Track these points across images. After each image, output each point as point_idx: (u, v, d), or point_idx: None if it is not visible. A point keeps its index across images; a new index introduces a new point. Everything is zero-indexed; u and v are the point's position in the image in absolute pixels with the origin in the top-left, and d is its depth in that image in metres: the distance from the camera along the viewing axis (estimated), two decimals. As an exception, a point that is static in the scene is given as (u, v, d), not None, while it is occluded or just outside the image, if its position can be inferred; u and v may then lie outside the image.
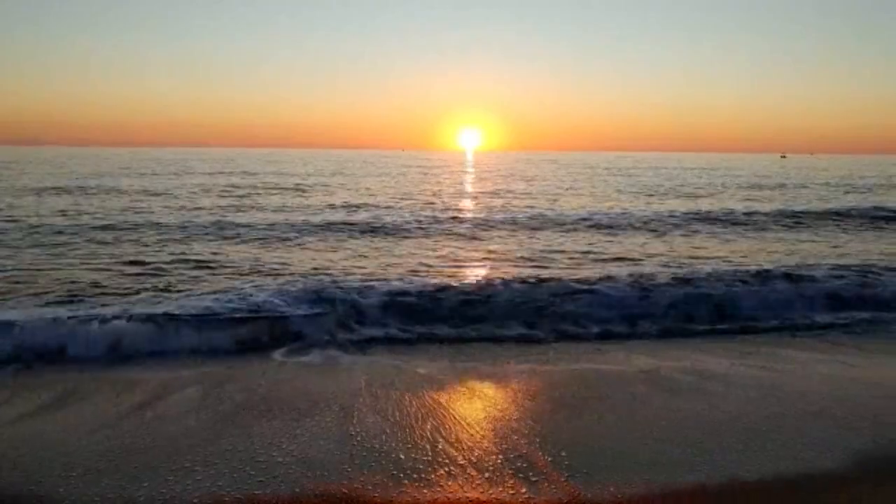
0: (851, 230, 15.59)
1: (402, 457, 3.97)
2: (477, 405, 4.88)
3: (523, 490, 3.58)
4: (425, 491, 3.58)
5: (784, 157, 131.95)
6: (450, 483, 3.66)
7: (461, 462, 3.90)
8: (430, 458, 3.95)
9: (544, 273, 9.19)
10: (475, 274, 9.57)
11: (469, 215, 17.24)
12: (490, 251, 12.04)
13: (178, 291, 8.10)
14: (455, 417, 4.60)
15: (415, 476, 3.73)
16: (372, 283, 8.00)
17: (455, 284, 7.86)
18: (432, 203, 20.76)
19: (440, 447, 4.10)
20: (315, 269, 9.89)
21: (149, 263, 9.98)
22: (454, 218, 16.50)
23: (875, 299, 7.98)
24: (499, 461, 3.91)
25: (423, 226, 15.13)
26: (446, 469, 3.82)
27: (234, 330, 6.32)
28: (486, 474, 3.75)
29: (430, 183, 32.92)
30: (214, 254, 11.18)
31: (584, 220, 16.30)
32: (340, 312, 6.72)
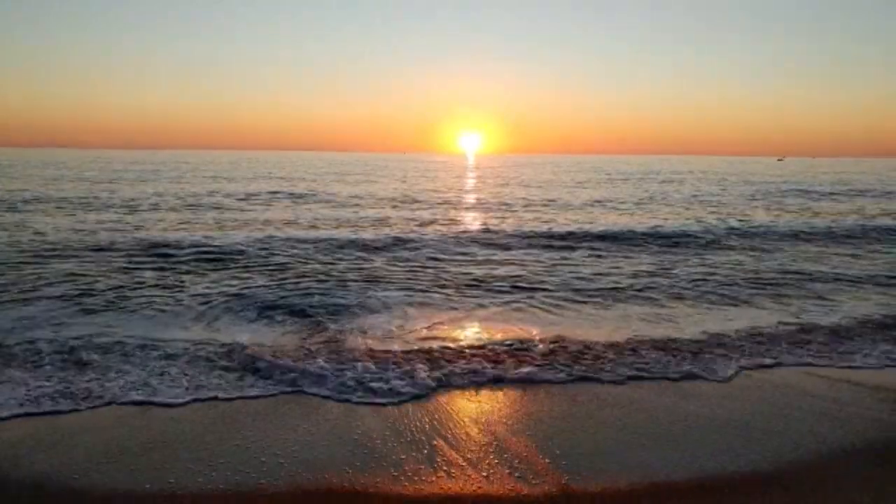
0: None
1: (403, 457, 3.98)
2: (476, 407, 4.89)
3: (523, 491, 3.59)
4: (425, 491, 3.60)
5: (781, 159, 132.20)
6: (449, 483, 3.67)
7: (460, 462, 3.92)
8: (429, 458, 3.96)
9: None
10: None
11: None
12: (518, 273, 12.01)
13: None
14: (454, 418, 4.61)
15: (415, 476, 3.75)
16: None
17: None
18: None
19: (439, 447, 4.12)
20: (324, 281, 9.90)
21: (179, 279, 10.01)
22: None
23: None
24: (497, 462, 3.93)
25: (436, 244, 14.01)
26: (445, 469, 3.83)
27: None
28: (485, 475, 3.76)
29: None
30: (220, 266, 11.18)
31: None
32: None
